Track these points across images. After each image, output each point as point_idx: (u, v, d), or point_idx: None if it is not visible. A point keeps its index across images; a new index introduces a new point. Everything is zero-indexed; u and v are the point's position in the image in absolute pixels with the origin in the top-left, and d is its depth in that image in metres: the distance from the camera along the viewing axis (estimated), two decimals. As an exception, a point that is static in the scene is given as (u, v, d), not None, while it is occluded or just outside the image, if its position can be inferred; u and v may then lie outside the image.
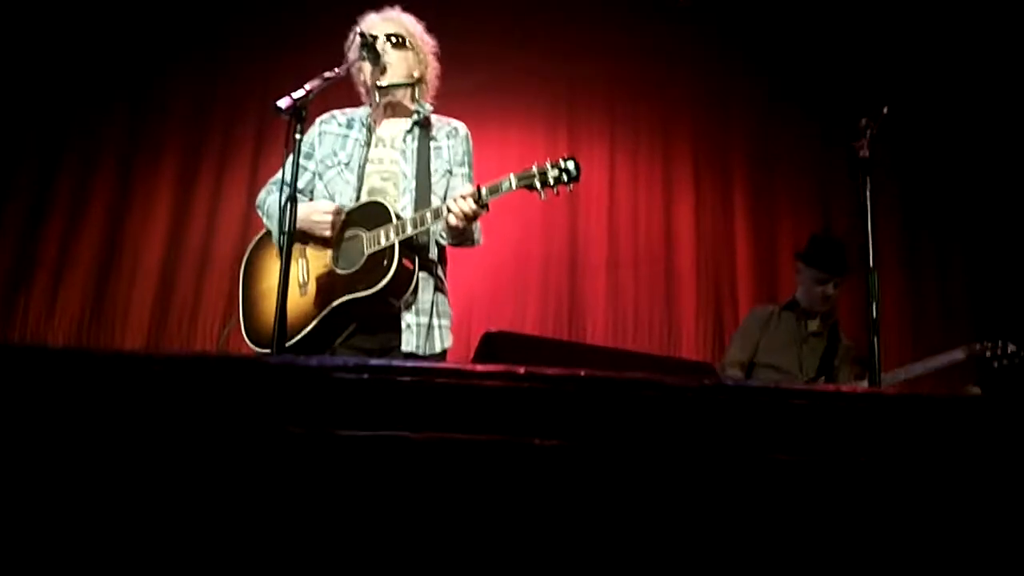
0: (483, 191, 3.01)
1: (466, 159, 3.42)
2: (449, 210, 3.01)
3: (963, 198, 6.26)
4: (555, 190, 2.97)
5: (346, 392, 1.44)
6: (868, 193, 3.03)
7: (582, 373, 1.47)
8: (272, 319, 3.13)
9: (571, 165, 2.95)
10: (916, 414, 1.61)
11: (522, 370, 1.46)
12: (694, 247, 6.25)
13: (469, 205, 2.99)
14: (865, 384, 4.15)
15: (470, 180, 3.36)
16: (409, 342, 3.16)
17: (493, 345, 2.11)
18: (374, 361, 1.44)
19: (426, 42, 3.47)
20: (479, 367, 1.48)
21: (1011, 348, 4.25)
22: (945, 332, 6.05)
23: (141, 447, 1.45)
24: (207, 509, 1.42)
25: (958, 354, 4.33)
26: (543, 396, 1.48)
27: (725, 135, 6.50)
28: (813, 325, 4.63)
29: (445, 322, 3.29)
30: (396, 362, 1.46)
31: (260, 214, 3.45)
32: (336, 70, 3.12)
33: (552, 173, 2.95)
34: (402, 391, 1.44)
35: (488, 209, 3.05)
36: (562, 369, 1.48)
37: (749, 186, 6.40)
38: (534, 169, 2.97)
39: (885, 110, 3.11)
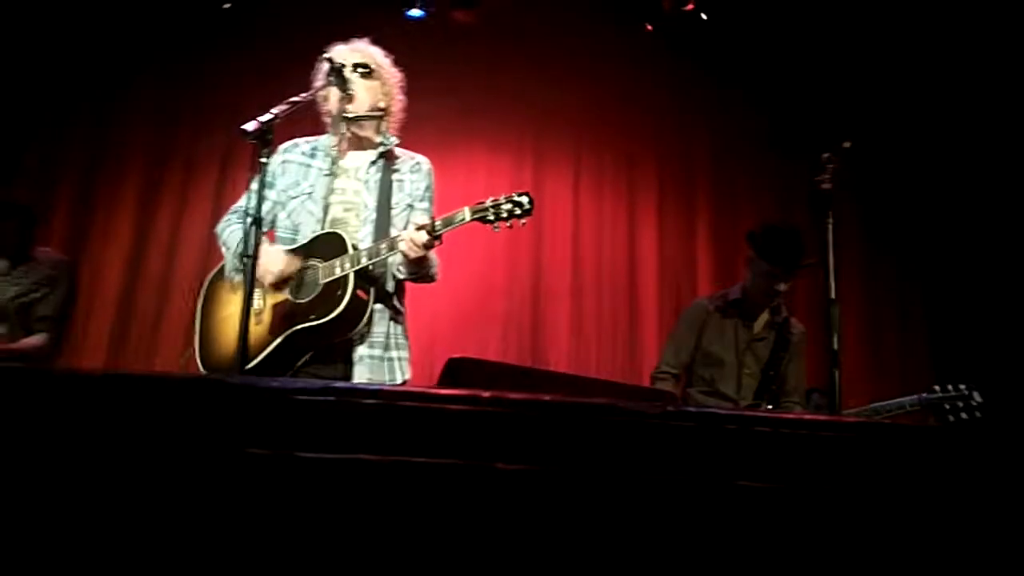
0: (437, 223, 3.03)
1: (427, 194, 3.44)
2: (403, 240, 3.02)
3: (923, 228, 6.35)
4: (508, 223, 3.00)
5: (309, 414, 1.42)
6: (830, 226, 3.05)
7: (546, 398, 1.47)
8: (228, 346, 3.14)
9: (524, 199, 3.00)
10: (877, 442, 1.62)
11: (486, 394, 1.46)
12: (657, 274, 6.29)
13: (422, 236, 3.00)
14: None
15: (430, 215, 3.37)
16: (361, 374, 3.14)
17: (457, 371, 2.11)
18: (338, 383, 1.43)
19: (393, 75, 3.49)
20: (443, 391, 1.48)
21: (976, 399, 3.96)
22: (903, 361, 6.13)
23: (100, 467, 1.42)
24: (166, 530, 1.40)
25: (911, 401, 4.04)
26: (507, 421, 1.47)
27: (689, 163, 6.56)
28: (758, 327, 4.32)
29: (403, 354, 3.29)
30: (360, 384, 1.44)
31: (220, 244, 3.44)
32: (303, 95, 3.12)
33: (505, 207, 2.99)
34: (366, 414, 1.43)
35: (441, 241, 3.07)
36: (526, 394, 1.48)
37: (712, 214, 6.46)
38: (488, 203, 3.01)
39: (847, 144, 3.12)
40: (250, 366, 3.12)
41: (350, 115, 3.33)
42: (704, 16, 6.25)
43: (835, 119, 6.10)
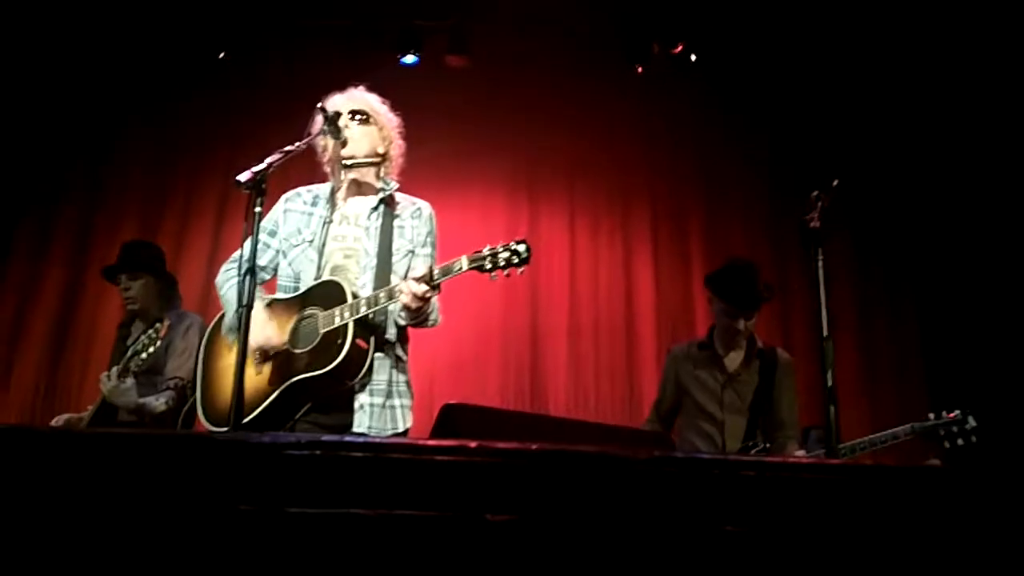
0: (435, 272, 3.04)
1: (429, 239, 3.44)
2: (402, 291, 3.03)
3: (917, 258, 6.38)
4: (506, 272, 3.00)
5: (298, 469, 1.44)
6: (820, 263, 3.06)
7: (533, 447, 1.49)
8: (227, 397, 3.10)
9: (522, 248, 2.99)
10: (865, 484, 1.63)
11: (474, 444, 1.47)
12: (654, 312, 6.31)
13: (421, 287, 3.01)
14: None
15: (432, 260, 3.38)
16: (361, 423, 3.13)
17: (452, 417, 2.11)
18: (326, 437, 1.44)
19: (390, 120, 3.51)
20: (431, 442, 1.49)
21: (971, 423, 3.88)
22: (899, 394, 6.12)
23: (91, 525, 1.43)
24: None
25: (905, 430, 3.93)
26: (495, 470, 1.48)
27: (682, 203, 6.61)
28: (732, 364, 4.24)
29: (405, 401, 3.27)
30: (348, 438, 1.46)
31: (219, 296, 3.44)
32: (297, 144, 3.13)
33: (503, 255, 2.98)
34: (354, 467, 1.44)
35: (440, 290, 3.08)
36: (513, 443, 1.49)
37: (706, 253, 6.48)
38: (485, 251, 3.01)
39: (836, 183, 3.14)
40: (250, 417, 3.12)
41: (348, 161, 3.35)
42: (693, 57, 6.33)
43: (827, 153, 6.15)
